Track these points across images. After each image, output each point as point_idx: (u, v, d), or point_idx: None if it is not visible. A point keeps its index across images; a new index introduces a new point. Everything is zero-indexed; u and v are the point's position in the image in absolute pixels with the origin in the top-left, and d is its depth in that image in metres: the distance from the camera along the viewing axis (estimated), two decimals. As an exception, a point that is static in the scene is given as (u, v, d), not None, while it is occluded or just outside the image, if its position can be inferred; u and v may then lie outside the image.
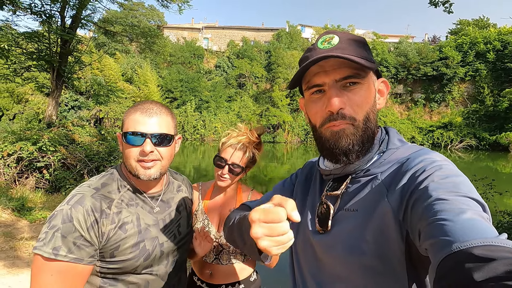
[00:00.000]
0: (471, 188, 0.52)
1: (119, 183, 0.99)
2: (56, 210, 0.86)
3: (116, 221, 0.92)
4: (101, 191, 0.93)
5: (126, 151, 0.95)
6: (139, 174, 0.95)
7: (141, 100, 1.06)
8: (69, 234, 0.82)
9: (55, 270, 0.81)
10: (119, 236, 0.92)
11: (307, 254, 0.75)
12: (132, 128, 0.93)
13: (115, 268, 0.92)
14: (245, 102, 33.53)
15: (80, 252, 0.83)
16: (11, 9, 7.12)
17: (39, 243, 0.82)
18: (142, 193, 1.02)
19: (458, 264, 0.38)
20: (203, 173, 12.49)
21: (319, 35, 0.71)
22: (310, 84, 0.69)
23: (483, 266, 0.36)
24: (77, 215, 0.84)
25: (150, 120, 0.94)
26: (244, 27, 40.74)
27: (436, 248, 0.44)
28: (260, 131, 1.39)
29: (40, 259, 0.81)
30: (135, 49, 31.58)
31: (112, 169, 1.03)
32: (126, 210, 0.96)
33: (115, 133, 8.96)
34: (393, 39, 36.67)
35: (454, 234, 0.42)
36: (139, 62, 31.21)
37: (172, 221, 1.09)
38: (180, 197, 1.18)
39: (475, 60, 30.28)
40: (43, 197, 5.88)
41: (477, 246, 0.38)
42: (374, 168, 0.67)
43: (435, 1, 5.42)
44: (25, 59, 8.05)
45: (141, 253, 0.95)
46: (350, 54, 0.63)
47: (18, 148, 6.08)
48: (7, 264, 3.31)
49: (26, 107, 24.86)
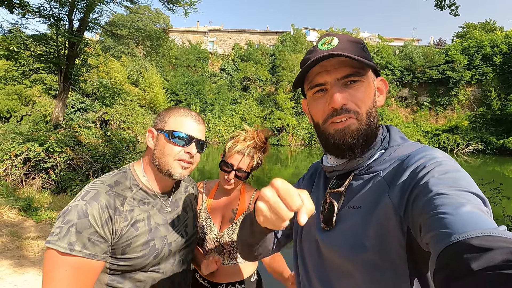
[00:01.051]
0: (471, 182, 0.53)
1: (131, 181, 1.00)
2: (70, 205, 0.86)
3: (128, 219, 0.93)
4: (115, 188, 0.94)
5: (166, 148, 0.98)
6: (174, 172, 0.99)
7: (175, 106, 1.10)
8: (84, 229, 0.82)
9: (70, 265, 0.80)
10: (131, 233, 0.93)
11: (312, 251, 0.76)
12: (182, 129, 0.99)
13: (125, 265, 0.93)
14: (250, 105, 33.59)
15: (94, 248, 0.84)
16: (21, 12, 7.24)
17: (52, 237, 0.81)
18: (154, 193, 1.04)
19: (456, 255, 0.39)
20: (207, 175, 12.52)
21: (319, 38, 0.73)
22: (313, 84, 0.71)
23: (481, 255, 0.36)
24: (92, 211, 0.85)
25: (198, 126, 1.03)
26: (249, 31, 40.92)
27: (436, 240, 0.44)
28: (267, 134, 1.38)
29: (54, 254, 0.80)
30: (141, 52, 31.89)
31: (124, 168, 1.05)
32: (138, 209, 0.97)
33: (120, 134, 9.03)
34: (398, 42, 36.49)
35: (453, 226, 0.43)
36: (144, 65, 31.49)
37: (180, 221, 1.11)
38: (187, 198, 1.21)
39: (482, 63, 29.98)
40: (49, 197, 5.93)
41: (476, 236, 0.39)
42: (376, 165, 0.68)
43: (441, 4, 5.40)
44: (33, 61, 8.17)
45: (151, 252, 0.97)
46: (349, 53, 0.66)
47: (26, 149, 6.15)
48: (13, 263, 3.34)
49: (34, 109, 25.20)
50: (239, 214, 1.40)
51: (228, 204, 1.44)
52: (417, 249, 0.57)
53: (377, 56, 33.12)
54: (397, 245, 0.60)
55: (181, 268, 1.10)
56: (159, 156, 0.99)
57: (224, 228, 1.40)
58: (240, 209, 1.41)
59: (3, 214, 4.58)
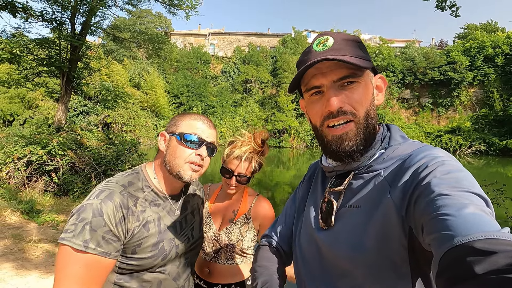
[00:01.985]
0: (473, 183, 0.52)
1: (143, 183, 1.02)
2: (85, 203, 0.87)
3: (140, 219, 0.95)
4: (128, 189, 0.96)
5: (178, 150, 1.00)
6: (184, 174, 1.00)
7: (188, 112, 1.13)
8: (99, 228, 0.84)
9: (83, 262, 0.82)
10: (142, 234, 0.95)
11: (311, 251, 0.76)
12: (194, 132, 1.01)
13: (134, 265, 0.95)
14: (251, 107, 33.66)
15: (108, 246, 0.85)
16: (24, 16, 7.30)
17: (67, 234, 0.82)
18: (164, 195, 1.06)
19: (459, 258, 0.39)
20: (209, 178, 12.52)
21: (314, 38, 0.72)
22: (309, 87, 0.70)
23: (484, 259, 0.36)
24: (107, 210, 0.86)
25: (209, 130, 1.05)
26: (250, 33, 41.06)
27: (438, 242, 0.44)
28: (264, 136, 1.39)
29: (68, 250, 0.81)
30: (143, 55, 32.07)
31: (137, 168, 1.07)
32: (150, 210, 0.99)
33: (122, 137, 9.05)
34: (400, 44, 36.50)
35: (456, 228, 0.42)
36: (146, 68, 31.66)
37: (187, 224, 1.13)
38: (195, 202, 1.23)
39: (484, 64, 29.93)
40: (52, 200, 5.94)
41: (479, 239, 0.39)
42: (376, 165, 0.68)
43: (442, 5, 5.40)
44: (36, 65, 8.23)
45: (160, 253, 0.98)
46: (345, 54, 0.65)
47: (28, 152, 6.17)
48: (16, 266, 3.34)
49: (36, 112, 25.37)
50: (239, 215, 1.43)
51: (229, 206, 1.47)
52: (419, 249, 0.57)
53: (378, 58, 33.13)
54: (399, 245, 0.59)
55: (185, 271, 1.12)
56: (170, 158, 1.01)
57: (223, 228, 1.42)
58: (241, 211, 1.43)
59: (6, 216, 4.60)
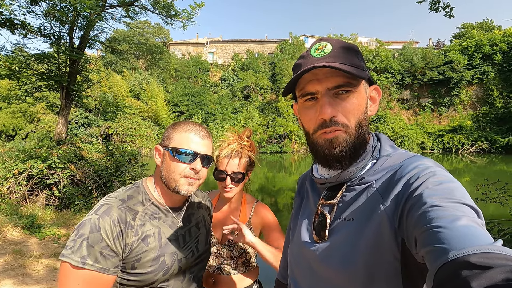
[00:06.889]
0: (465, 194, 0.53)
1: (144, 196, 1.01)
2: (84, 219, 0.88)
3: (139, 233, 0.94)
4: (127, 203, 0.96)
5: (172, 165, 0.99)
6: (181, 189, 0.99)
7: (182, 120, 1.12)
8: (96, 243, 0.84)
9: (82, 279, 0.82)
10: (141, 248, 0.93)
11: (303, 265, 0.75)
12: (186, 146, 0.99)
13: (134, 280, 0.93)
14: (251, 113, 33.73)
15: (106, 262, 0.85)
16: (22, 32, 7.37)
17: (66, 250, 0.83)
18: (166, 207, 1.04)
19: (455, 273, 0.38)
20: (211, 186, 12.48)
21: (313, 43, 0.72)
22: (304, 92, 0.70)
23: (481, 274, 0.36)
24: (104, 225, 0.86)
25: (202, 141, 1.02)
26: (248, 40, 41.42)
27: (433, 256, 0.44)
28: (248, 133, 1.46)
29: (67, 267, 0.82)
30: (142, 65, 32.34)
31: (137, 182, 1.06)
32: (149, 223, 0.98)
33: (122, 148, 9.06)
34: (397, 45, 36.65)
35: (450, 241, 0.42)
36: (146, 78, 31.91)
37: (191, 237, 1.11)
38: (200, 214, 1.20)
39: (482, 62, 29.98)
40: (53, 214, 5.92)
41: (474, 253, 0.39)
42: (368, 176, 0.68)
43: (436, 7, 5.42)
44: (35, 79, 8.29)
45: (160, 267, 0.97)
46: (342, 62, 0.65)
47: (29, 166, 6.17)
48: (16, 281, 3.30)
49: (38, 126, 25.48)
50: None
51: (228, 216, 1.45)
52: (412, 261, 0.56)
53: (376, 60, 33.25)
54: (392, 258, 0.58)
55: (190, 286, 1.09)
56: (166, 173, 1.00)
57: (225, 241, 1.41)
58: (241, 221, 1.41)
59: (7, 232, 4.57)
